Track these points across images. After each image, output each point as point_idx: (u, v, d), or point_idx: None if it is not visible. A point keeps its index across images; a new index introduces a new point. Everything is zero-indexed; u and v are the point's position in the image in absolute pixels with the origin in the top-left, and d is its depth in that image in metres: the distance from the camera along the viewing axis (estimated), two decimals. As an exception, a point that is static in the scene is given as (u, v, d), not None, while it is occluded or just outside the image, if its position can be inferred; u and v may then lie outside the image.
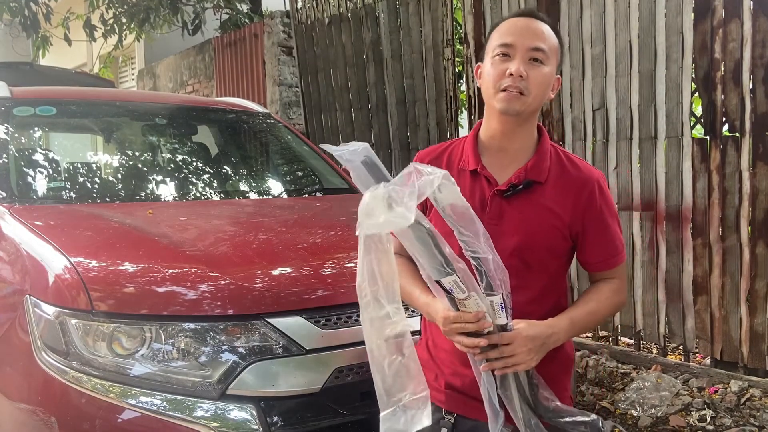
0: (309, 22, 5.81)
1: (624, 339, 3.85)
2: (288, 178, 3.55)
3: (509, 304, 1.29)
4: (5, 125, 2.93)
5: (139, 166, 3.27)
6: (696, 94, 3.34)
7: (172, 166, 3.31)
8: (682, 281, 3.42)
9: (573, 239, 1.47)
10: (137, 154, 3.40)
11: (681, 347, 3.63)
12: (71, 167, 3.07)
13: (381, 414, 1.21)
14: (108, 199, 2.82)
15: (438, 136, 4.73)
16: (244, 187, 3.37)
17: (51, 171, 2.93)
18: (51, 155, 3.04)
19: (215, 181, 3.30)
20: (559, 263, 1.48)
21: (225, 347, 1.81)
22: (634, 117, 3.53)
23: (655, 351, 3.75)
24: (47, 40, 8.29)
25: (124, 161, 3.28)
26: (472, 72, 4.40)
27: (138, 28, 7.75)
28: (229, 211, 2.81)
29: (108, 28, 7.93)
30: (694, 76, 3.33)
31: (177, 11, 7.45)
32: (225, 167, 3.49)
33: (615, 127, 3.61)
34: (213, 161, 3.45)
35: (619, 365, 3.63)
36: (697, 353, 3.49)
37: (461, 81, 5.16)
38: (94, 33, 7.99)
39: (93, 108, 3.39)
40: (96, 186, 3.01)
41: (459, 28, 5.31)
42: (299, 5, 5.92)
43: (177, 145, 3.48)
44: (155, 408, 1.75)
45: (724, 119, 3.25)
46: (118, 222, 2.36)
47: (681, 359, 3.55)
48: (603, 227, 1.47)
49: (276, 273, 2.05)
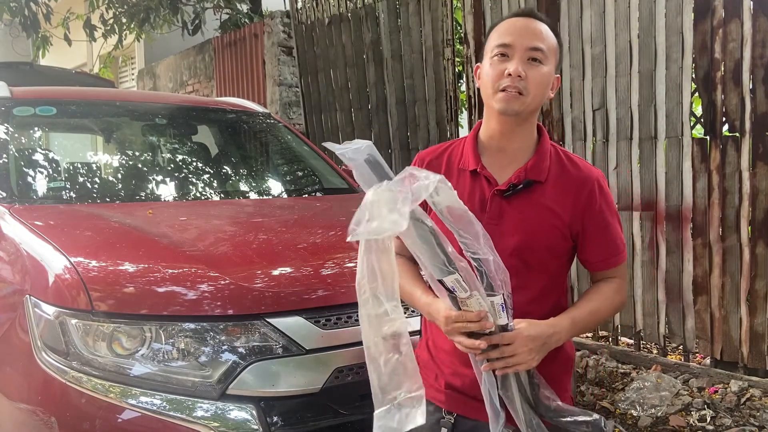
0: (309, 22, 5.81)
1: (624, 339, 3.85)
2: (288, 178, 3.55)
3: (510, 304, 1.29)
4: (5, 125, 2.94)
5: (139, 166, 3.27)
6: (696, 94, 3.34)
7: (172, 166, 3.31)
8: (682, 281, 3.42)
9: (573, 239, 1.47)
10: (137, 154, 3.40)
11: (681, 347, 3.63)
12: (71, 167, 3.07)
13: (375, 411, 1.20)
14: (108, 199, 2.82)
15: (438, 136, 4.73)
16: (244, 187, 3.36)
17: (51, 171, 2.93)
18: (51, 155, 3.04)
19: (215, 181, 3.30)
20: (560, 263, 1.48)
21: (225, 347, 1.81)
22: (634, 117, 3.53)
23: (655, 351, 3.75)
24: (47, 40, 8.29)
25: (124, 161, 3.28)
26: (472, 72, 4.39)
27: (138, 28, 7.75)
28: (229, 211, 2.81)
29: (108, 28, 7.93)
30: (694, 76, 3.33)
31: (177, 11, 7.45)
32: (225, 167, 3.49)
33: (615, 127, 3.61)
34: (213, 161, 3.45)
35: (619, 365, 3.63)
36: (697, 353, 3.49)
37: (461, 81, 5.16)
38: (94, 33, 7.99)
39: (93, 108, 3.39)
40: (96, 186, 3.01)
41: (459, 28, 5.31)
42: (299, 5, 5.92)
43: (177, 145, 3.48)
44: (155, 408, 1.75)
45: (724, 119, 3.25)
46: (118, 222, 2.37)
47: (681, 359, 3.55)
48: (603, 226, 1.47)
49: (276, 273, 2.05)
